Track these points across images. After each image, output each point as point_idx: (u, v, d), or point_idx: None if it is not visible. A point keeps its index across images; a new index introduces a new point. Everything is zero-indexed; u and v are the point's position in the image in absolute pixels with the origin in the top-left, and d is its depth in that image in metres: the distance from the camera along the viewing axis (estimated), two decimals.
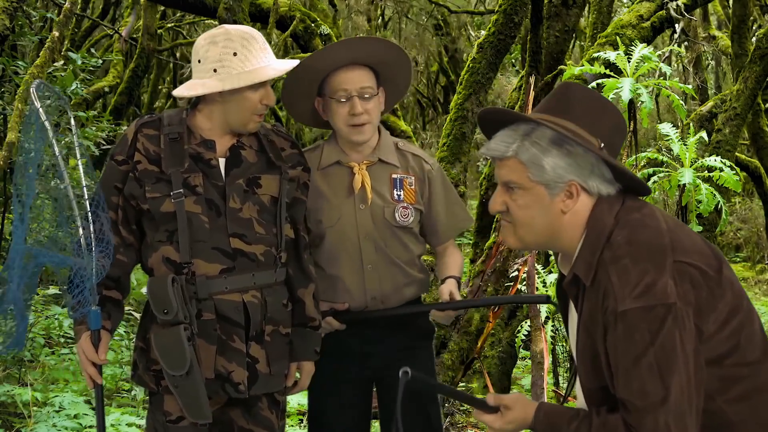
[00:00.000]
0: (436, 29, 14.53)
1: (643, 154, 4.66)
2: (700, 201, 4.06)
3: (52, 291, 5.94)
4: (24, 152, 2.40)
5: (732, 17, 8.73)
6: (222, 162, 2.50)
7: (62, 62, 5.98)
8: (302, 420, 4.87)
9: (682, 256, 1.76)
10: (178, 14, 12.62)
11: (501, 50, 5.88)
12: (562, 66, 6.22)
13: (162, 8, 11.26)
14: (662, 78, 4.94)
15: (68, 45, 9.67)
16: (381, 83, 2.80)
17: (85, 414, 4.43)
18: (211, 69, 2.43)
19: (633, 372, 1.71)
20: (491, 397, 1.97)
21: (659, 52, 7.43)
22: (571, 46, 10.50)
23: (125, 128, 2.57)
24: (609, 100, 1.99)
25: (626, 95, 3.86)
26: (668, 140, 4.36)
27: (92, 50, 9.90)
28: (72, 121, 2.43)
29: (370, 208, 2.76)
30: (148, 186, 2.43)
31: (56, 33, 4.30)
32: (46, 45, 4.26)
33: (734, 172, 4.27)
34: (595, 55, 5.04)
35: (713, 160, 4.26)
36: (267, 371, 2.50)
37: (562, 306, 2.05)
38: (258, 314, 2.47)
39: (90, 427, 4.30)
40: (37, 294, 6.52)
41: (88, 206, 2.33)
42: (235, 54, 2.43)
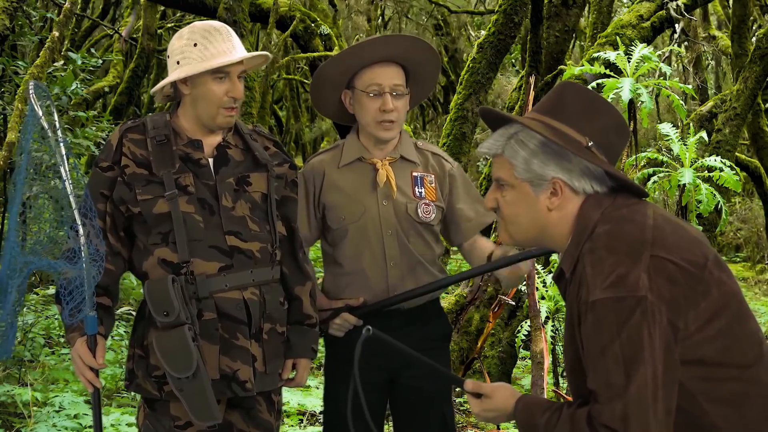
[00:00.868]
0: (436, 29, 14.54)
1: (643, 154, 4.66)
2: (700, 201, 4.06)
3: (53, 291, 5.94)
4: (20, 153, 2.40)
5: (732, 17, 8.73)
6: (211, 161, 2.51)
7: (62, 62, 5.98)
8: (302, 420, 4.88)
9: (661, 252, 1.76)
10: (178, 14, 12.63)
11: (501, 50, 5.88)
12: (562, 66, 6.23)
13: (162, 8, 11.27)
14: (662, 78, 4.95)
15: (68, 45, 9.68)
16: (409, 83, 2.80)
17: (85, 414, 4.43)
18: (175, 62, 2.47)
19: (599, 362, 1.71)
20: (470, 383, 1.99)
21: (659, 52, 7.44)
22: (571, 46, 10.51)
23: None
24: (606, 100, 1.99)
25: (626, 95, 3.86)
26: (668, 140, 4.36)
27: (92, 50, 9.90)
28: (57, 123, 2.38)
29: (394, 204, 2.76)
30: (139, 189, 2.42)
31: (56, 33, 4.30)
32: (46, 45, 4.26)
33: (734, 172, 4.27)
34: (595, 55, 5.04)
35: (713, 160, 4.26)
36: (263, 370, 2.49)
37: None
38: (257, 312, 2.47)
39: (90, 427, 4.30)
40: (37, 294, 6.53)
41: (76, 214, 2.30)
42: (195, 45, 2.45)
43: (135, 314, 2.58)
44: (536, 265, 4.78)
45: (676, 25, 7.03)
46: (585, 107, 1.93)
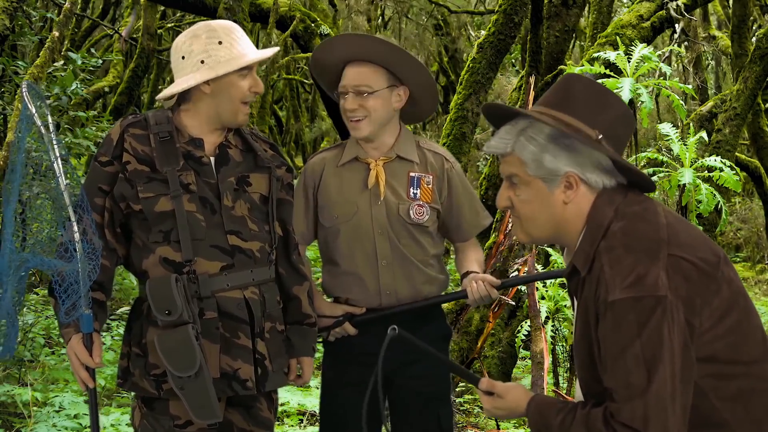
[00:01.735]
0: (436, 29, 14.54)
1: (643, 154, 4.66)
2: (700, 201, 4.06)
3: None
4: (15, 152, 2.39)
5: (732, 17, 8.73)
6: (212, 160, 2.50)
7: (62, 62, 5.98)
8: (302, 420, 4.88)
9: (677, 250, 1.76)
10: (178, 14, 12.64)
11: (501, 50, 5.87)
12: (562, 66, 6.23)
13: (162, 8, 11.27)
14: (662, 78, 4.95)
15: (68, 45, 9.67)
16: (405, 82, 2.79)
17: (85, 414, 4.42)
18: (198, 61, 2.43)
19: (619, 362, 1.71)
20: (485, 382, 1.99)
21: (659, 52, 7.43)
22: (571, 46, 10.52)
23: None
24: (612, 92, 1.97)
25: (626, 95, 3.86)
26: (668, 140, 4.36)
27: (92, 50, 9.91)
28: (50, 121, 2.36)
29: (385, 204, 2.77)
30: (140, 186, 2.41)
31: (56, 33, 4.30)
32: (46, 45, 4.26)
33: (734, 172, 4.27)
34: (595, 55, 5.04)
35: (713, 160, 4.26)
36: (271, 368, 2.50)
37: (571, 300, 2.05)
38: (258, 311, 2.48)
39: (90, 427, 4.30)
40: (37, 294, 6.53)
41: (71, 210, 2.29)
42: (221, 42, 2.44)
43: (129, 312, 2.56)
44: (536, 265, 4.78)
45: (676, 25, 7.03)
46: (594, 100, 1.90)
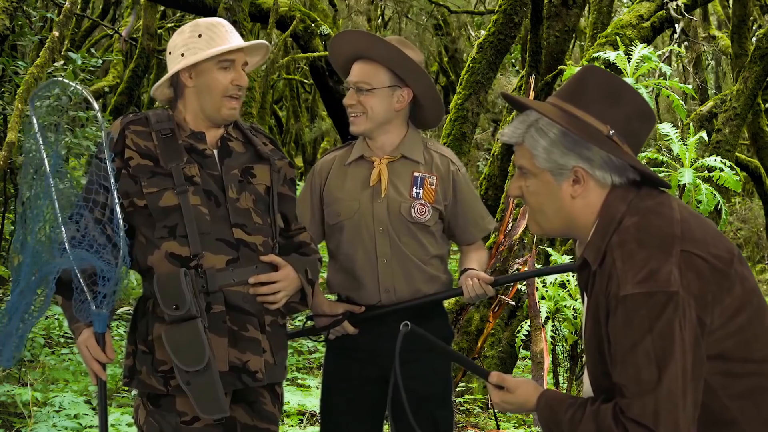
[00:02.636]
0: (436, 29, 14.53)
1: (643, 154, 4.66)
2: (700, 201, 4.06)
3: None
4: (25, 153, 2.39)
5: (732, 17, 8.74)
6: (215, 152, 2.51)
7: (62, 62, 5.98)
8: (302, 420, 4.88)
9: (691, 246, 1.75)
10: (178, 14, 12.63)
11: (501, 50, 5.88)
12: (562, 66, 6.23)
13: (162, 8, 11.27)
14: (662, 78, 4.95)
15: (68, 45, 9.67)
16: (408, 84, 2.81)
17: (85, 414, 4.43)
18: (179, 54, 2.47)
19: (630, 358, 1.71)
20: (495, 375, 1.99)
21: (659, 52, 7.44)
22: (571, 46, 10.52)
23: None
24: (629, 86, 1.93)
25: None
26: (668, 140, 4.36)
27: (92, 50, 9.91)
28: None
29: (387, 202, 2.79)
30: (144, 181, 2.41)
31: (56, 33, 4.31)
32: (46, 45, 4.26)
33: (734, 172, 4.27)
34: (595, 55, 5.04)
35: (713, 160, 4.26)
36: (272, 361, 2.50)
37: (581, 294, 2.05)
38: (260, 304, 2.48)
39: (90, 427, 4.30)
40: (37, 294, 6.53)
41: (117, 209, 2.30)
42: (200, 35, 2.46)
43: (133, 312, 2.55)
44: (536, 265, 4.78)
45: (676, 25, 7.04)
46: (607, 93, 1.88)
